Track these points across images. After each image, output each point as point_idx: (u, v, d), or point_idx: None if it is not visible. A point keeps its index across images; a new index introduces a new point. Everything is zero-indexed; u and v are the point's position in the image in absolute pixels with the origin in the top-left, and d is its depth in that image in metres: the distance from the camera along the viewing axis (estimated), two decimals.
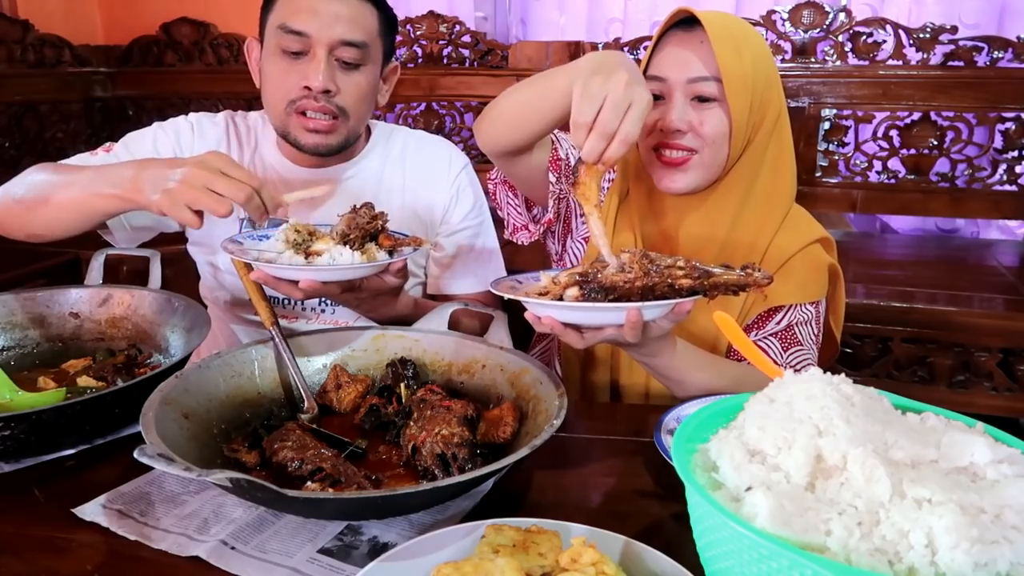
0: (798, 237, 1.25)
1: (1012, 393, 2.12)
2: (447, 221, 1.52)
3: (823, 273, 1.27)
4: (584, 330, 0.95)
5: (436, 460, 0.87)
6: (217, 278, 1.49)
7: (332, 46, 1.28)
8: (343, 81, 1.31)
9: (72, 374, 1.15)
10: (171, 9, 3.16)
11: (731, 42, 1.14)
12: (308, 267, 1.07)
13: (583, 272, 0.93)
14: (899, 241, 2.86)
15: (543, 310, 0.92)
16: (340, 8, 1.29)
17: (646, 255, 0.93)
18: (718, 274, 0.92)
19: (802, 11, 2.58)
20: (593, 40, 2.85)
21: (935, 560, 0.54)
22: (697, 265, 0.92)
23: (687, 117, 1.17)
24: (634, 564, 0.69)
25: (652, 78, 1.19)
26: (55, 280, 2.39)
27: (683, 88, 1.17)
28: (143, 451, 0.71)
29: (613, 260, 0.95)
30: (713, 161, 1.19)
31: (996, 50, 2.46)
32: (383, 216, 1.15)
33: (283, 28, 1.28)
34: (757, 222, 1.24)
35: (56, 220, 1.23)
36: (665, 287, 0.91)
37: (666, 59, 1.19)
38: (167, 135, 1.42)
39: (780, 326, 1.25)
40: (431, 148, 1.54)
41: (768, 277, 0.92)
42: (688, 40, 1.17)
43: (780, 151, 1.25)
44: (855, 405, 0.66)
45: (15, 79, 2.92)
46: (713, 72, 1.15)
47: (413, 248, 1.16)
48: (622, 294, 0.90)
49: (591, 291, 0.90)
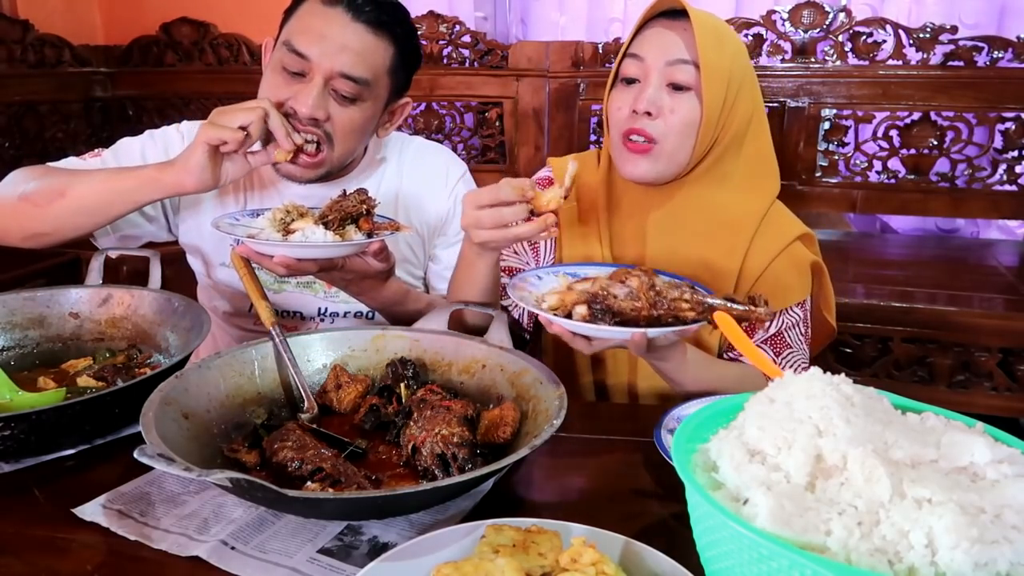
0: (778, 237, 1.25)
1: (1012, 393, 2.12)
2: (445, 232, 1.51)
3: (806, 274, 1.27)
4: (593, 339, 1.00)
5: (436, 460, 0.87)
6: (215, 289, 1.49)
7: (330, 76, 1.23)
8: (335, 111, 1.26)
9: (72, 374, 1.15)
10: (171, 9, 3.15)
11: (713, 33, 1.16)
12: (283, 243, 1.12)
13: (593, 293, 0.97)
14: (899, 241, 2.86)
15: (555, 322, 0.98)
16: (351, 39, 1.23)
17: (653, 286, 0.97)
18: (721, 308, 0.97)
19: (802, 11, 2.58)
20: (593, 40, 2.85)
21: (935, 560, 0.54)
22: (701, 299, 0.97)
23: (659, 102, 1.17)
24: (634, 564, 0.69)
25: (631, 56, 1.20)
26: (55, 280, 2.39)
27: (660, 70, 1.17)
28: (143, 451, 0.71)
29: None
30: (676, 151, 1.19)
31: (996, 50, 2.46)
32: (371, 201, 1.17)
33: (287, 45, 1.25)
34: (731, 220, 1.24)
35: (73, 213, 1.24)
36: (671, 318, 0.96)
37: (647, 40, 1.20)
38: (156, 145, 1.41)
39: (769, 333, 1.27)
40: (428, 157, 1.52)
41: (771, 313, 0.98)
42: (671, 26, 1.18)
43: (758, 151, 1.25)
44: (855, 405, 0.66)
45: (15, 79, 2.92)
46: (693, 57, 1.15)
47: (390, 232, 1.19)
48: (628, 319, 0.96)
49: (599, 311, 0.96)
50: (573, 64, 2.79)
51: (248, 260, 1.15)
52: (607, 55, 2.77)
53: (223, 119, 1.18)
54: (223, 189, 1.40)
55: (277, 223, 1.16)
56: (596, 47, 2.78)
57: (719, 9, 2.79)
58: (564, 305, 0.99)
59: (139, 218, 1.39)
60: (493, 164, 2.99)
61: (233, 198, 1.43)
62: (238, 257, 1.16)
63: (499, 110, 2.93)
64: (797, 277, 1.26)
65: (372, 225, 1.17)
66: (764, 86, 2.57)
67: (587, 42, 2.81)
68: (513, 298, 1.03)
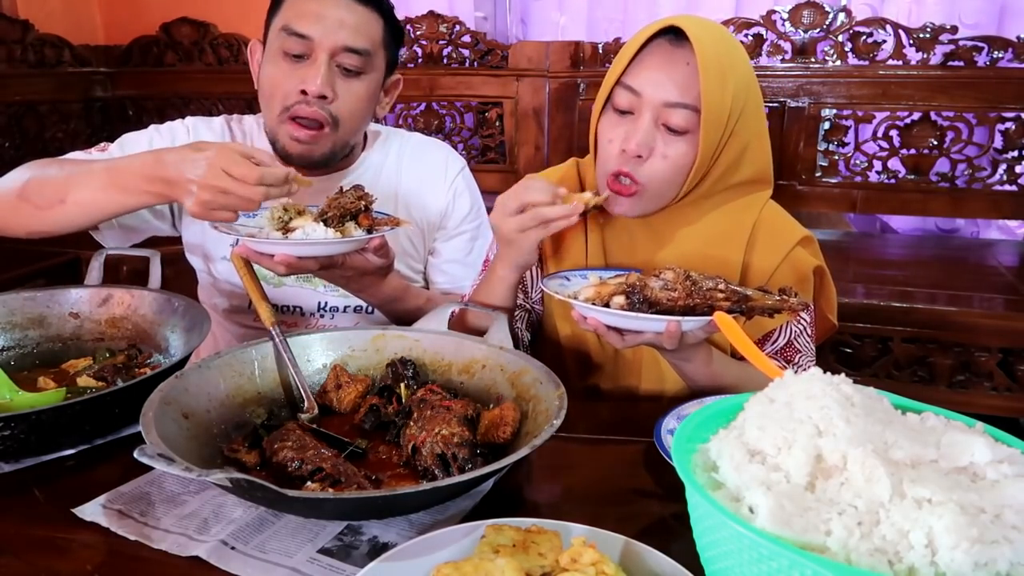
0: (777, 246, 1.22)
1: (1012, 393, 2.12)
2: (445, 226, 1.52)
3: (808, 280, 1.25)
4: (626, 333, 1.01)
5: (436, 460, 0.87)
6: (215, 286, 1.49)
7: (334, 51, 1.28)
8: (341, 88, 1.30)
9: (72, 374, 1.15)
10: (171, 9, 3.16)
11: (718, 71, 1.07)
12: (284, 241, 1.12)
13: (631, 283, 0.99)
14: (899, 241, 2.86)
15: (592, 313, 0.99)
16: (345, 14, 1.28)
17: (689, 276, 0.98)
18: (756, 297, 0.98)
19: (802, 11, 2.58)
20: (593, 40, 2.85)
21: (935, 560, 0.54)
22: (736, 289, 0.98)
23: (651, 143, 1.10)
24: (634, 564, 0.69)
25: (626, 88, 1.12)
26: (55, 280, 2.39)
27: (655, 110, 1.10)
28: (143, 451, 0.71)
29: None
30: (663, 193, 1.16)
31: (996, 50, 2.46)
32: (368, 197, 1.18)
33: (286, 30, 1.28)
34: (723, 230, 1.22)
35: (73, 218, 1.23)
36: (705, 308, 0.97)
37: (645, 73, 1.11)
38: (163, 139, 1.42)
39: (779, 344, 1.26)
40: (427, 152, 1.53)
41: (803, 303, 0.98)
42: (672, 59, 1.09)
43: (755, 169, 1.21)
44: (855, 405, 0.66)
45: (15, 79, 2.92)
46: (692, 100, 1.08)
47: (390, 228, 1.19)
48: (664, 310, 0.97)
49: (637, 302, 0.98)
50: (573, 64, 2.79)
51: (247, 260, 1.15)
52: (607, 55, 2.77)
53: (220, 200, 1.09)
54: None
55: (276, 221, 1.16)
56: (596, 47, 2.78)
57: (719, 9, 2.79)
58: (600, 297, 1.01)
59: (147, 213, 1.40)
60: (493, 164, 2.99)
61: None
62: (238, 257, 1.16)
63: (499, 110, 2.93)
64: (800, 284, 1.23)
65: (372, 221, 1.18)
66: (764, 86, 2.57)
67: (587, 42, 2.81)
68: (548, 292, 1.04)
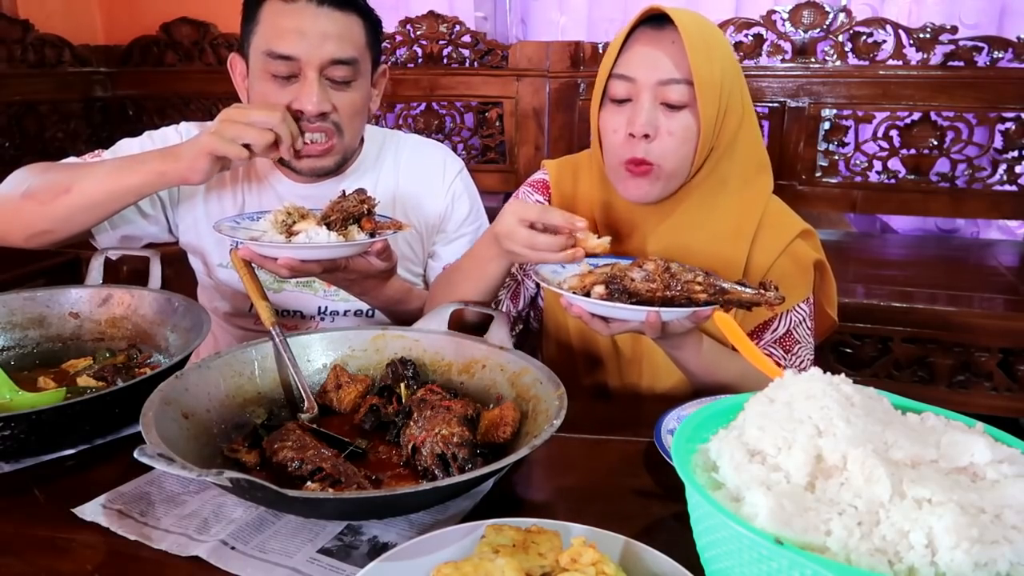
0: (778, 236, 1.24)
1: (1012, 393, 2.12)
2: (444, 229, 1.51)
3: (808, 272, 1.27)
4: (611, 321, 1.03)
5: (436, 460, 0.87)
6: (216, 289, 1.49)
7: (322, 66, 1.25)
8: (337, 100, 1.28)
9: (72, 374, 1.15)
10: (171, 9, 3.15)
11: (703, 45, 1.11)
12: (287, 245, 1.12)
13: (612, 274, 1.01)
14: (899, 241, 2.86)
15: (576, 301, 1.01)
16: (327, 25, 1.24)
17: (668, 269, 1.00)
18: (732, 291, 0.99)
19: (802, 11, 2.58)
20: (593, 40, 2.85)
21: (935, 560, 0.54)
22: (714, 282, 1.00)
23: (655, 122, 1.13)
24: (634, 564, 0.69)
25: (620, 77, 1.15)
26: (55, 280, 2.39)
27: (652, 90, 1.13)
28: (143, 451, 0.71)
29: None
30: (677, 170, 1.17)
31: (996, 50, 2.46)
32: (371, 201, 1.18)
33: (269, 54, 1.24)
34: (732, 226, 1.23)
35: (78, 209, 1.23)
36: (684, 299, 0.99)
37: (635, 58, 1.15)
38: (155, 146, 1.39)
39: (778, 333, 1.27)
40: (425, 155, 1.52)
41: (780, 298, 0.99)
42: (659, 39, 1.13)
43: (750, 146, 1.23)
44: (855, 405, 0.66)
45: (15, 79, 2.92)
46: (684, 75, 1.11)
47: (393, 231, 1.19)
48: (643, 300, 0.99)
49: (616, 291, 1.00)
50: (573, 64, 2.79)
51: (248, 261, 1.16)
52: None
53: (231, 131, 1.17)
54: (220, 185, 1.43)
55: (279, 225, 1.16)
56: (596, 47, 2.78)
57: (719, 9, 2.79)
58: (584, 286, 1.02)
59: (138, 217, 1.40)
60: (493, 164, 2.99)
61: (231, 194, 1.44)
62: (238, 258, 1.16)
63: (499, 110, 2.93)
64: (800, 276, 1.25)
65: (374, 224, 1.18)
66: (764, 86, 2.58)
67: (587, 42, 2.81)
68: (536, 280, 1.05)
